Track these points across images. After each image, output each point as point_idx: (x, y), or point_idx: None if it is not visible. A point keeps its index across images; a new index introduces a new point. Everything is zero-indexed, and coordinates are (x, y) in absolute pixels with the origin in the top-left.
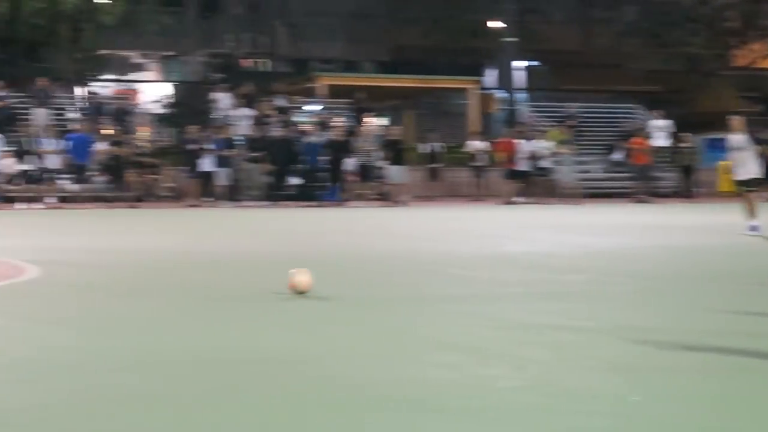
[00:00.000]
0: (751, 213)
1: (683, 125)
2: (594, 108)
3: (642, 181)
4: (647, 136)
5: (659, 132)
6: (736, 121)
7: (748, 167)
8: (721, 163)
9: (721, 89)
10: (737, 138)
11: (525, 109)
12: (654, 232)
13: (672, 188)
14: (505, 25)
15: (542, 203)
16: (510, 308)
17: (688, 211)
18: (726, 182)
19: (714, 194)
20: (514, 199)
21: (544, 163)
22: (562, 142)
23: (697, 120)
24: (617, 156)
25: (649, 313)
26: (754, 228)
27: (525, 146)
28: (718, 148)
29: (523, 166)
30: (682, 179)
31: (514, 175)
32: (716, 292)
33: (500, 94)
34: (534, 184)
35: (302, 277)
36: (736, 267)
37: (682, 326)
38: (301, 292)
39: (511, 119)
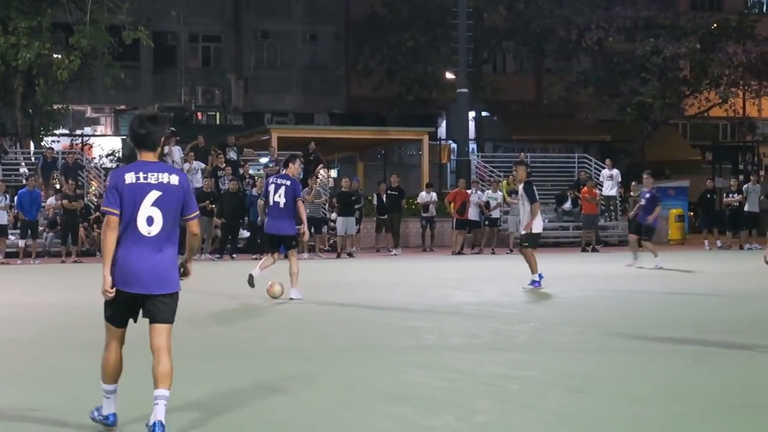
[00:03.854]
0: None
1: (633, 174)
2: (545, 158)
3: (590, 231)
4: (596, 186)
5: (609, 181)
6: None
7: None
8: (672, 211)
9: (672, 138)
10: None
11: (477, 160)
12: (600, 281)
13: (620, 237)
14: (457, 76)
15: (492, 253)
16: (457, 358)
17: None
18: (675, 230)
19: (663, 243)
20: (464, 249)
21: (495, 214)
22: (512, 193)
23: (647, 169)
24: (567, 205)
25: (592, 362)
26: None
27: (476, 197)
28: (668, 196)
29: (473, 216)
30: (631, 228)
31: (465, 225)
32: (661, 341)
33: (453, 145)
34: (484, 235)
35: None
36: (680, 314)
37: (624, 375)
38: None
39: (464, 170)
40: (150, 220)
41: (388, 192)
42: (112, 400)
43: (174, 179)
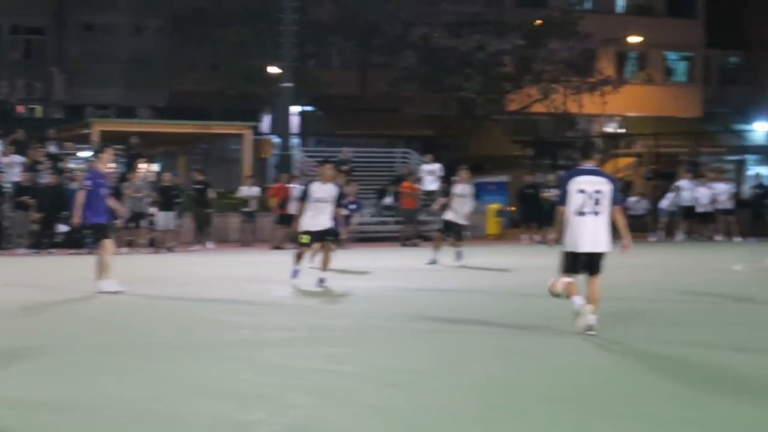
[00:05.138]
0: (436, 249)
1: (455, 169)
2: (368, 152)
3: (410, 225)
4: (417, 180)
5: (430, 176)
6: (464, 173)
7: (459, 214)
8: (491, 206)
9: (494, 133)
10: (462, 187)
11: (300, 154)
12: (420, 276)
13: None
14: (282, 71)
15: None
16: (274, 353)
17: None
18: (494, 225)
19: (482, 237)
20: (286, 244)
21: None
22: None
23: (470, 163)
24: (388, 200)
25: (408, 356)
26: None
27: (298, 191)
28: (489, 191)
29: (295, 211)
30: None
31: (286, 220)
32: (479, 335)
33: (275, 140)
34: None
35: None
36: (497, 309)
37: (439, 368)
38: None
39: (286, 164)
40: None
41: (193, 187)
42: None
43: None
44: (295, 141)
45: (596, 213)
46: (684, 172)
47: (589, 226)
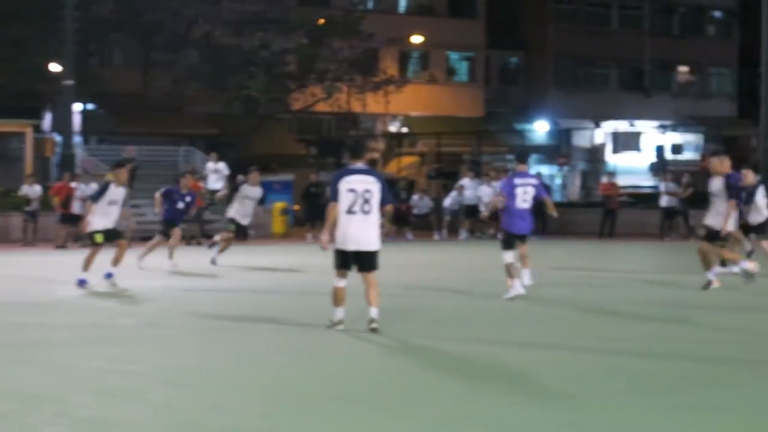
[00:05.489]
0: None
1: (240, 168)
2: (152, 151)
3: (195, 224)
4: (202, 179)
5: (215, 174)
6: (254, 174)
7: (242, 214)
8: (276, 205)
9: (279, 132)
10: (250, 189)
11: (82, 153)
12: (203, 275)
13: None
14: (63, 68)
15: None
16: (59, 354)
17: (240, 252)
18: (279, 224)
19: (268, 236)
20: (69, 243)
21: None
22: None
23: (254, 162)
24: None
25: (195, 355)
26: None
27: (81, 190)
28: (274, 190)
29: (78, 209)
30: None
31: (69, 219)
32: (263, 333)
33: (58, 138)
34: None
35: None
36: (282, 306)
37: (227, 367)
38: None
39: (68, 163)
40: None
41: None
42: None
43: None
44: (77, 139)
45: (365, 212)
46: (466, 171)
47: (357, 224)
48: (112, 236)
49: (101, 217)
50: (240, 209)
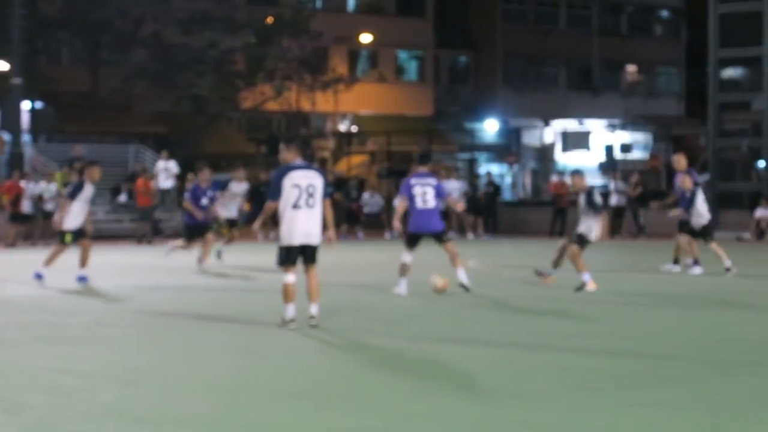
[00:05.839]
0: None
1: (189, 166)
2: (101, 150)
3: (145, 222)
4: (151, 178)
5: (164, 173)
6: (240, 171)
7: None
8: None
9: (228, 131)
10: (237, 185)
11: (31, 152)
12: (157, 274)
13: (176, 229)
14: (11, 66)
15: (46, 246)
16: (9, 353)
17: (192, 251)
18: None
19: (219, 234)
20: (19, 242)
21: (49, 206)
22: (67, 185)
23: (203, 161)
24: (123, 198)
25: (146, 354)
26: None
27: (30, 189)
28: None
29: (27, 208)
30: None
31: (19, 218)
32: (214, 332)
33: (6, 137)
34: (39, 227)
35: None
36: (233, 305)
37: (177, 366)
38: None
39: (17, 162)
40: None
41: None
42: None
43: None
44: (26, 138)
45: (310, 206)
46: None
47: (303, 218)
48: (77, 236)
49: (76, 217)
50: (228, 205)
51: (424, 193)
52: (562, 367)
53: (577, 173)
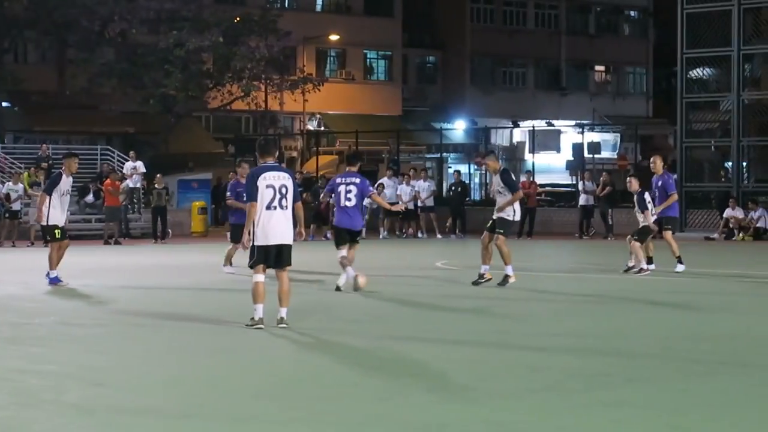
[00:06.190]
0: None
1: (157, 166)
2: (68, 149)
3: (113, 223)
4: (120, 178)
5: (132, 173)
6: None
7: None
8: (194, 204)
9: (196, 130)
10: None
11: None
12: (125, 274)
13: (144, 229)
14: None
15: (13, 246)
16: None
17: (160, 251)
18: (198, 223)
19: (187, 235)
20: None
21: (15, 206)
22: (34, 185)
23: (171, 161)
24: (90, 198)
25: (112, 355)
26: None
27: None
28: (191, 188)
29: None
30: (155, 220)
31: None
32: (182, 332)
33: None
34: (4, 227)
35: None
36: (201, 305)
37: (139, 367)
38: None
39: None
40: None
41: None
42: None
43: None
44: None
45: (283, 207)
46: (386, 170)
47: (278, 219)
48: (63, 234)
49: (59, 211)
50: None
51: (348, 191)
52: (531, 366)
53: (490, 154)
